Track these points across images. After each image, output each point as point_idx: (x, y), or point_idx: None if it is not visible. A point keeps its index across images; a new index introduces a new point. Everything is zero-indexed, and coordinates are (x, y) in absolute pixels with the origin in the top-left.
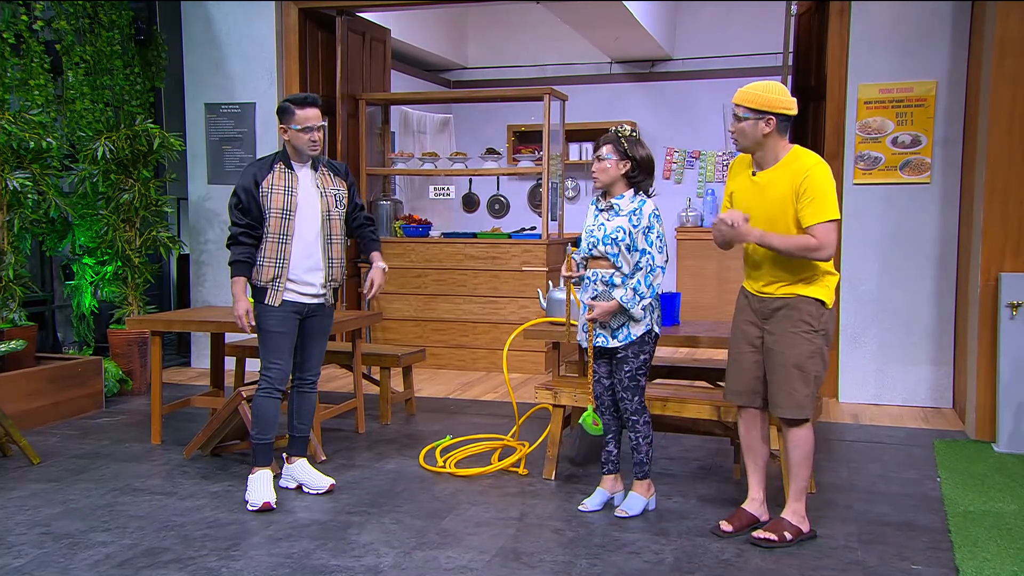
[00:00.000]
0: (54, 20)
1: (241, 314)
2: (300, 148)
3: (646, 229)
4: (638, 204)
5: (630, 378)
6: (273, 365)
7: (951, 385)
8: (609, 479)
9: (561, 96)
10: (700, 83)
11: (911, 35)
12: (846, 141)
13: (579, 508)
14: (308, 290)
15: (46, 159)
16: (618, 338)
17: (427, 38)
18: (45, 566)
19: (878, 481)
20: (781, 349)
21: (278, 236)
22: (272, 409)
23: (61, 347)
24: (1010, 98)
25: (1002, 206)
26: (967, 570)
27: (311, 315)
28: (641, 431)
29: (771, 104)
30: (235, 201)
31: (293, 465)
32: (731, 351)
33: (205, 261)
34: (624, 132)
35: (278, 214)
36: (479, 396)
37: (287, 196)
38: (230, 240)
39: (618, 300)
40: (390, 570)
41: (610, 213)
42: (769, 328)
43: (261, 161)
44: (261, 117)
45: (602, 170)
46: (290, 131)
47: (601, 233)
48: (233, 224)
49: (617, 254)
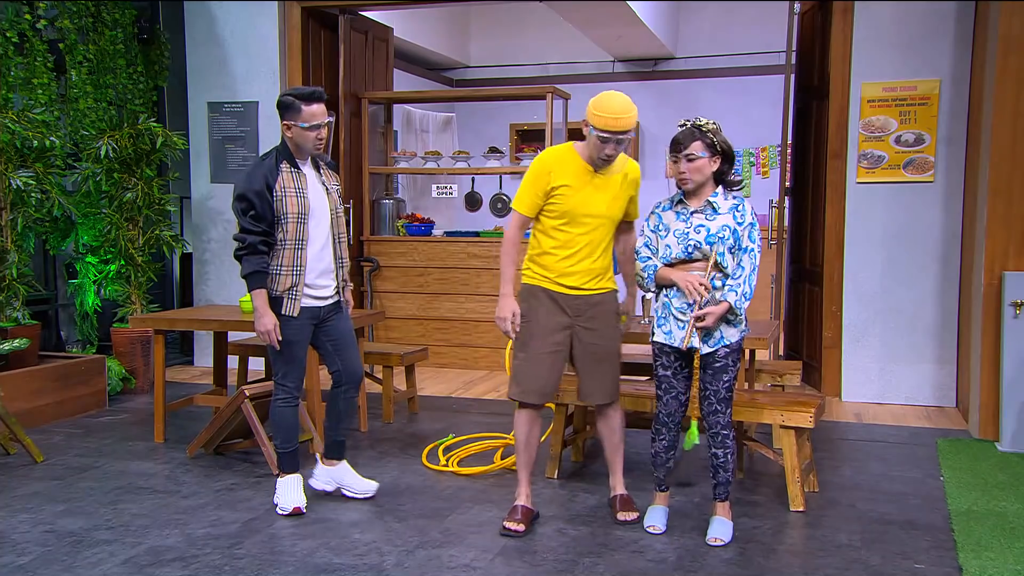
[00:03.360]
0: (57, 19)
1: (269, 329)
2: (304, 145)
3: (750, 226)
4: (737, 200)
5: (727, 388)
6: (291, 373)
7: (954, 384)
8: (665, 495)
9: (564, 95)
10: (703, 82)
11: (914, 33)
12: (849, 140)
13: (647, 529)
14: (322, 293)
15: (49, 158)
16: (708, 343)
17: (430, 37)
18: (49, 564)
19: (881, 480)
20: (605, 341)
21: (295, 242)
22: (293, 418)
23: (64, 346)
24: (1014, 96)
25: (1006, 205)
26: (970, 569)
27: (328, 318)
28: (730, 447)
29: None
30: (245, 206)
31: (334, 468)
32: (539, 352)
33: (208, 260)
34: (707, 125)
35: (295, 219)
36: (482, 395)
37: (300, 199)
38: (245, 249)
39: (731, 303)
40: (393, 569)
41: (708, 212)
42: (585, 323)
43: (264, 161)
44: (264, 116)
45: (695, 170)
46: (295, 128)
47: (703, 234)
48: (246, 231)
49: (722, 254)
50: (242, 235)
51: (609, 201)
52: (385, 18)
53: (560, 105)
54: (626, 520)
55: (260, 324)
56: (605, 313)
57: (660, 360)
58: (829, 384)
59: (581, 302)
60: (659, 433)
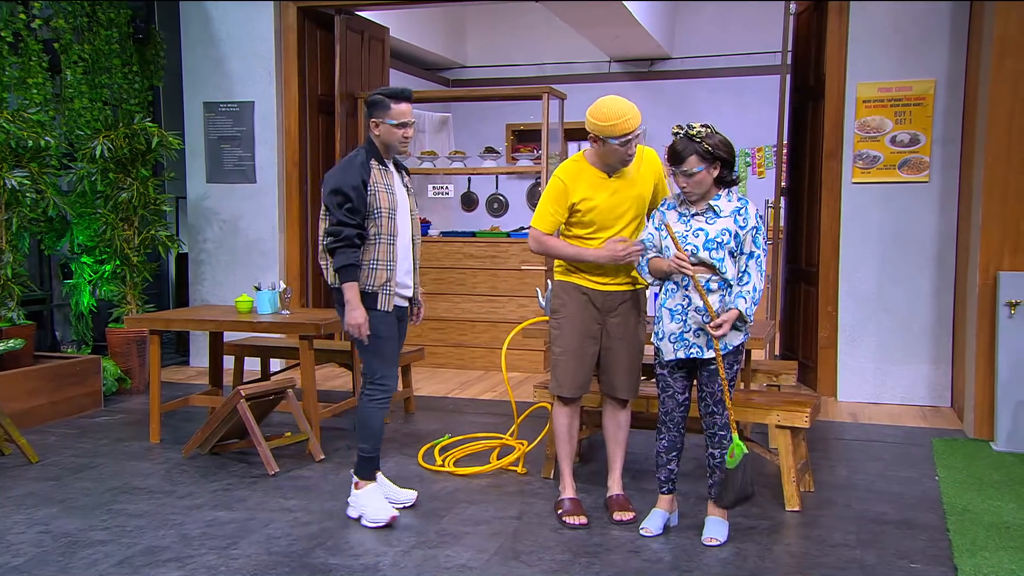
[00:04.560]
0: (52, 19)
1: (361, 323)
2: (391, 143)
3: (754, 230)
4: (740, 203)
5: (723, 391)
6: (389, 374)
7: (949, 384)
8: (668, 499)
9: (560, 95)
10: (699, 82)
11: (910, 34)
12: (845, 140)
13: (641, 532)
14: (406, 292)
15: (44, 158)
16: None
17: (426, 37)
18: (44, 565)
19: (877, 480)
20: (634, 336)
21: (387, 236)
22: (382, 421)
23: (59, 346)
24: (1009, 97)
25: (1001, 205)
26: (965, 568)
27: (402, 319)
28: (727, 448)
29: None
30: (341, 200)
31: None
32: (571, 346)
33: (204, 260)
34: (700, 133)
35: (387, 213)
36: (478, 395)
37: (389, 195)
38: (342, 242)
39: (741, 310)
40: (389, 569)
41: (709, 216)
42: (615, 318)
43: (354, 159)
44: (260, 115)
45: (696, 184)
46: (383, 126)
47: (701, 239)
48: (343, 224)
49: (722, 259)
50: (337, 228)
51: (634, 197)
52: (381, 18)
53: (556, 105)
54: (622, 520)
55: (352, 317)
56: (633, 309)
57: (659, 359)
58: (825, 384)
59: (612, 298)
60: (659, 433)
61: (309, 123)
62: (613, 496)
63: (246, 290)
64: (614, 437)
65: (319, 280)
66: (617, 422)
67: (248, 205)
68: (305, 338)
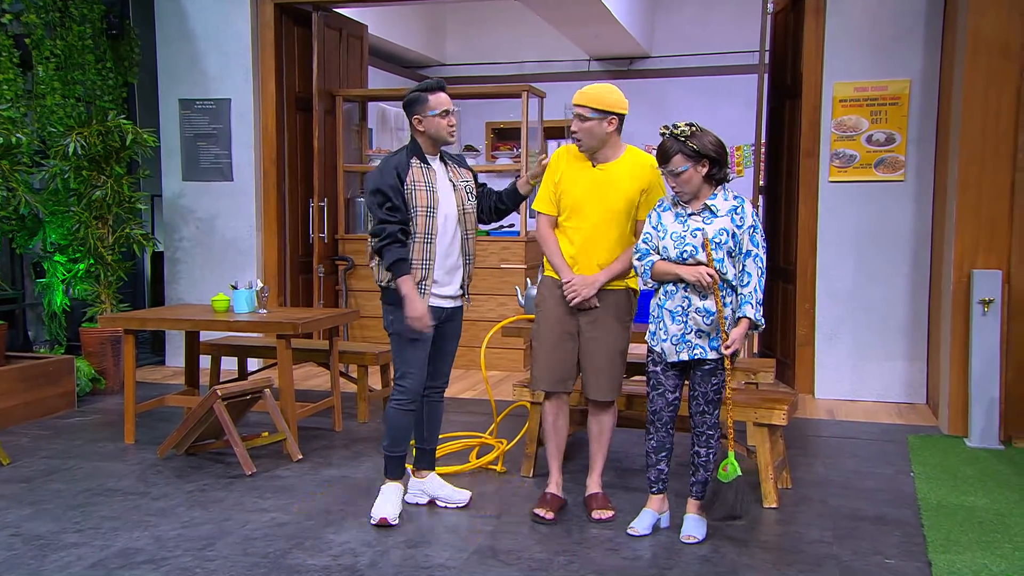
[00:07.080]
0: (23, 14)
1: (422, 314)
2: (438, 134)
3: (751, 229)
4: (737, 202)
5: (716, 391)
6: (411, 374)
7: (925, 381)
8: (657, 499)
9: (539, 93)
10: (678, 81)
11: (885, 33)
12: (821, 139)
13: (628, 531)
14: (447, 292)
15: (16, 155)
16: (715, 347)
17: (405, 34)
18: (15, 568)
19: (853, 476)
20: (608, 337)
21: (424, 235)
22: (407, 421)
23: (32, 346)
24: (982, 96)
25: (975, 204)
26: (940, 563)
27: (447, 320)
28: (714, 448)
29: (613, 105)
30: (381, 199)
31: (425, 480)
32: (546, 341)
33: (179, 258)
34: (684, 132)
35: (424, 212)
36: (457, 394)
37: (429, 192)
38: (387, 239)
39: (751, 317)
40: (367, 569)
41: (706, 215)
42: (590, 318)
43: (394, 158)
44: (237, 113)
45: (684, 183)
46: (427, 119)
47: (699, 238)
48: (384, 222)
49: (721, 260)
50: (380, 227)
51: (611, 193)
52: (360, 15)
53: (536, 103)
54: (601, 518)
55: (411, 310)
56: (611, 309)
57: (651, 356)
58: (802, 381)
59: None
60: (647, 432)
61: (287, 121)
62: (592, 495)
63: (223, 289)
64: (597, 438)
65: (297, 279)
66: (600, 424)
67: (225, 203)
68: (283, 337)
